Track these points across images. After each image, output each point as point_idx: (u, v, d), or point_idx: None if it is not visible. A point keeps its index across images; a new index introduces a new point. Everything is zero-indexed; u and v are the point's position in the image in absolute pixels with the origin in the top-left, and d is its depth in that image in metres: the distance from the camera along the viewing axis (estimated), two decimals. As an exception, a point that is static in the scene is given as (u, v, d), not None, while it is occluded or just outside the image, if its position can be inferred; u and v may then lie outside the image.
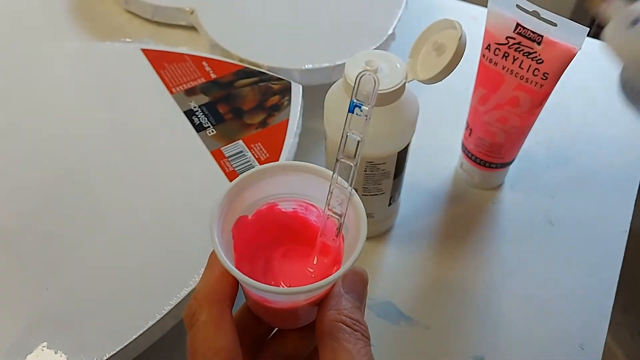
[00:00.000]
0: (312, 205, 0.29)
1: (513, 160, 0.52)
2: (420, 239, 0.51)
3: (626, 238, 0.51)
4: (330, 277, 0.24)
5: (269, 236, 0.29)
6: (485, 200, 0.54)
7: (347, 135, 0.25)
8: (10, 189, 0.44)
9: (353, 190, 0.26)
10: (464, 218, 0.53)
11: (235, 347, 0.25)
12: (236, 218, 0.28)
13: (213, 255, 0.27)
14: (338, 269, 0.25)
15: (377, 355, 0.26)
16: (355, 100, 0.25)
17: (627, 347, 0.90)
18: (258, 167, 0.28)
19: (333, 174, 0.26)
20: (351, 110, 0.25)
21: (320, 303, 0.26)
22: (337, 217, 0.27)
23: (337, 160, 0.26)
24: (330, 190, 0.27)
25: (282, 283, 0.28)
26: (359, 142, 0.25)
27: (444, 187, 0.55)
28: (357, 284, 0.28)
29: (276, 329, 0.30)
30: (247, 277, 0.23)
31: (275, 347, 0.30)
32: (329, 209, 0.27)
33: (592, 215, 0.50)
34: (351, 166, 0.26)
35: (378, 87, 0.24)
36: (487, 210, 0.53)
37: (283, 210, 0.29)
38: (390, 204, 0.48)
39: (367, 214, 0.26)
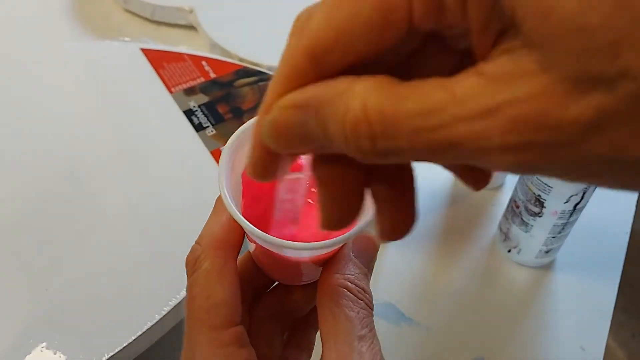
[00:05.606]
0: None
1: (514, 160, 0.52)
2: (420, 240, 0.51)
3: (627, 239, 0.51)
4: (336, 237, 0.22)
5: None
6: (486, 200, 0.54)
7: None
8: (10, 188, 0.43)
9: None
10: (464, 218, 0.53)
11: (234, 300, 0.24)
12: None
13: (220, 200, 0.25)
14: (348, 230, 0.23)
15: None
16: None
17: (628, 348, 0.90)
18: None
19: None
20: None
21: (326, 264, 0.25)
22: None
23: None
24: None
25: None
26: None
27: (444, 187, 0.55)
28: (368, 249, 0.26)
29: (276, 283, 0.29)
30: (252, 226, 0.22)
31: (273, 300, 0.28)
32: None
33: (594, 216, 0.50)
34: None
35: None
36: (488, 210, 0.53)
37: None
38: (390, 204, 0.47)
39: None
